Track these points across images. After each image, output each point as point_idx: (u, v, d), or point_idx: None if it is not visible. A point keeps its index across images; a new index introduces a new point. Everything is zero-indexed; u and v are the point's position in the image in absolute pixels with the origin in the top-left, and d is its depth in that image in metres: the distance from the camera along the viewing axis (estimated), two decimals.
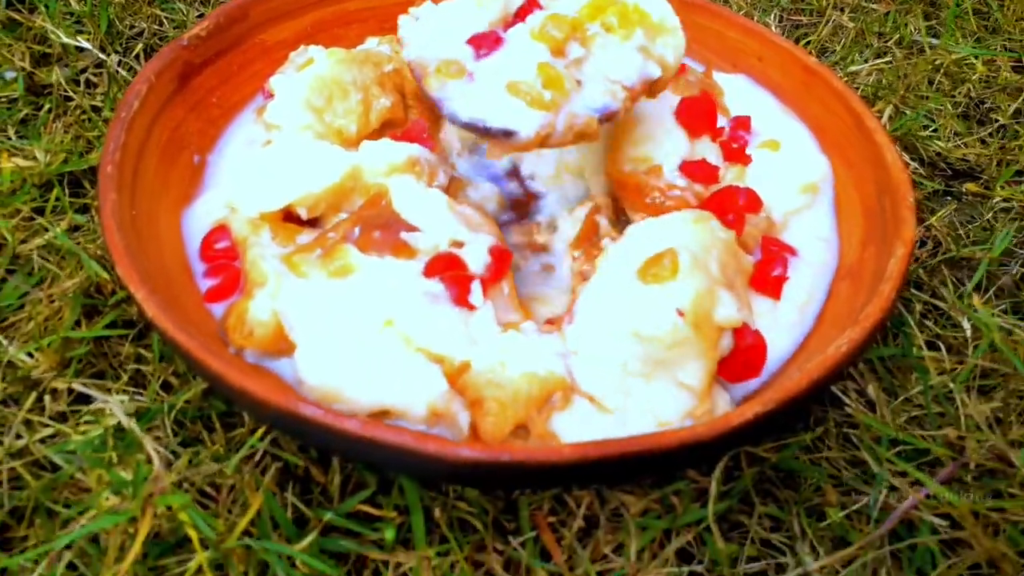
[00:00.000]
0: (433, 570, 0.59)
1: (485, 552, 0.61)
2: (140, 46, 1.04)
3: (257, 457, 0.64)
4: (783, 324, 0.73)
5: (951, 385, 0.73)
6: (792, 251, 0.78)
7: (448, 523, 0.62)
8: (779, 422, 0.64)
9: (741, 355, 0.65)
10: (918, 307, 0.82)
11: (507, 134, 0.68)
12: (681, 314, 0.62)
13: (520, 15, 0.75)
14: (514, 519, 0.63)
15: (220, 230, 0.75)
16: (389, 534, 0.60)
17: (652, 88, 0.74)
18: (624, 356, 0.63)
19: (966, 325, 0.79)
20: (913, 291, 0.83)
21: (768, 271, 0.74)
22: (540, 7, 0.75)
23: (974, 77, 1.13)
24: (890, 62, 1.14)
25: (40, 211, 0.82)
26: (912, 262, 0.85)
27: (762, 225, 0.78)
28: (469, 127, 0.70)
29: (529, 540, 0.61)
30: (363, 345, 0.64)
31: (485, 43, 0.72)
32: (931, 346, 0.78)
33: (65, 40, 1.00)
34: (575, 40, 0.71)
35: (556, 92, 0.68)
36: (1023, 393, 0.73)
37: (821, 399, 0.71)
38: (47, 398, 0.66)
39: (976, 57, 1.16)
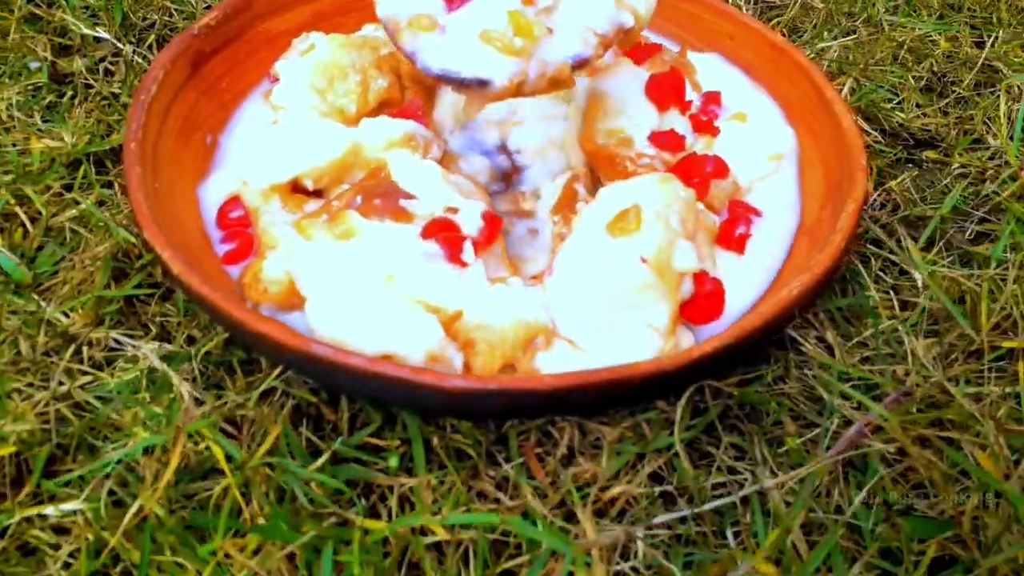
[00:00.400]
0: (432, 491, 0.66)
1: (478, 478, 0.68)
2: (153, 36, 1.11)
3: (274, 398, 0.71)
4: (747, 277, 0.80)
5: (900, 328, 0.80)
6: (757, 212, 0.85)
7: (446, 452, 0.69)
8: (737, 357, 0.71)
9: (702, 300, 0.73)
10: (876, 263, 0.89)
11: (481, 83, 0.70)
12: (645, 261, 0.69)
13: None
14: (504, 449, 0.70)
15: (234, 201, 0.82)
16: (393, 462, 0.67)
17: (625, 38, 0.76)
18: (597, 302, 0.70)
19: (917, 276, 0.86)
20: (871, 247, 0.90)
21: (733, 229, 0.81)
22: None
23: (937, 52, 1.20)
24: (857, 39, 1.21)
25: (69, 187, 0.89)
26: (866, 219, 0.93)
27: (729, 189, 0.86)
28: (442, 79, 0.72)
29: (517, 466, 0.69)
30: (367, 299, 0.70)
31: None
32: (886, 296, 0.85)
33: (84, 32, 1.07)
34: None
35: (526, 39, 0.69)
36: (968, 336, 0.80)
37: (780, 342, 0.78)
38: (85, 349, 0.74)
39: (939, 33, 1.23)
